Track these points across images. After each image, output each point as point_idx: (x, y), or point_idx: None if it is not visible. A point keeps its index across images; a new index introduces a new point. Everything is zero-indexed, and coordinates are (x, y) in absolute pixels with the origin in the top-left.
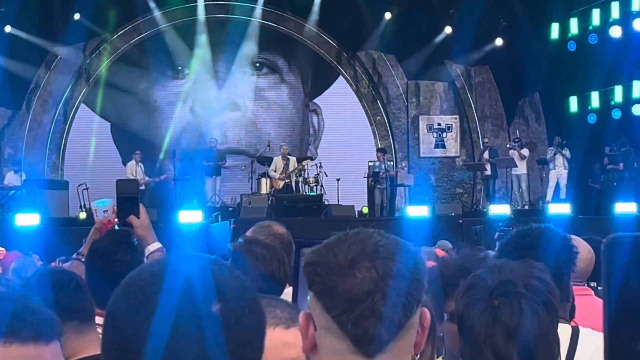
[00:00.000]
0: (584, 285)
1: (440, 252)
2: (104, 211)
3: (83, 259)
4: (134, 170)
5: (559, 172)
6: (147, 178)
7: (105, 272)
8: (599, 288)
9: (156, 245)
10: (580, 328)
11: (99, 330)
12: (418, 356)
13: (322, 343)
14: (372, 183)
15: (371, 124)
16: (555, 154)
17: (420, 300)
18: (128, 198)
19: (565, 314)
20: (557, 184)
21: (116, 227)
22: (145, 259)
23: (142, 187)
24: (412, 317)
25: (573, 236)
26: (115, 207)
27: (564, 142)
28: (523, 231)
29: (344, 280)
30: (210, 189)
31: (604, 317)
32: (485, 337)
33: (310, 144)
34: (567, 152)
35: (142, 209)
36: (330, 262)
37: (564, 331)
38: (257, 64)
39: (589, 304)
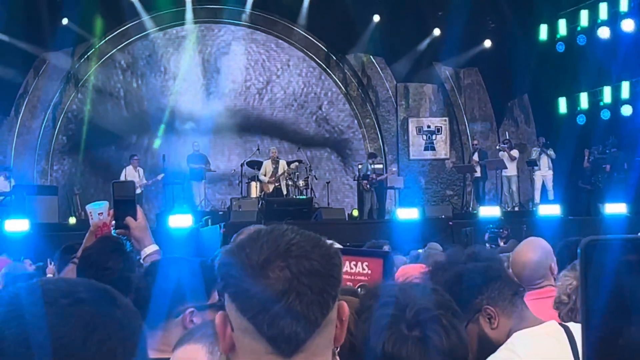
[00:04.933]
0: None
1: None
2: (99, 214)
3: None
4: (132, 175)
5: (544, 173)
6: (144, 181)
7: (96, 279)
8: None
9: (153, 247)
10: (570, 325)
11: None
12: (338, 349)
13: (240, 344)
14: (368, 186)
15: (361, 127)
16: (540, 154)
17: (337, 296)
18: (124, 201)
19: None
20: (544, 186)
21: (112, 230)
22: (142, 261)
23: (139, 191)
24: (329, 314)
25: (533, 238)
26: (110, 210)
27: (548, 142)
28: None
29: (258, 281)
30: (197, 193)
31: (581, 318)
32: None
33: (300, 147)
34: (551, 153)
35: (140, 211)
36: (242, 262)
37: (560, 331)
38: (247, 67)
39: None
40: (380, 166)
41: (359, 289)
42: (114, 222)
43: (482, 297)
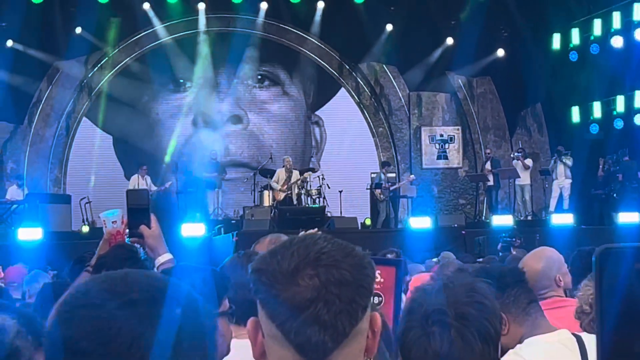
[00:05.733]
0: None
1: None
2: (112, 222)
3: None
4: (138, 183)
5: (560, 182)
6: (153, 187)
7: None
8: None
9: (167, 256)
10: (582, 335)
11: None
12: None
13: (270, 350)
14: (382, 196)
15: (373, 136)
16: (555, 163)
17: (367, 306)
18: (138, 209)
19: None
20: (561, 195)
21: (126, 238)
22: (156, 269)
23: None
24: (359, 324)
25: (541, 248)
26: (124, 218)
27: (568, 152)
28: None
29: (287, 288)
30: (212, 202)
31: (596, 326)
32: None
33: (313, 155)
34: (568, 161)
35: (154, 219)
36: (273, 269)
37: (571, 340)
38: (259, 77)
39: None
40: (393, 175)
41: (373, 298)
42: (127, 230)
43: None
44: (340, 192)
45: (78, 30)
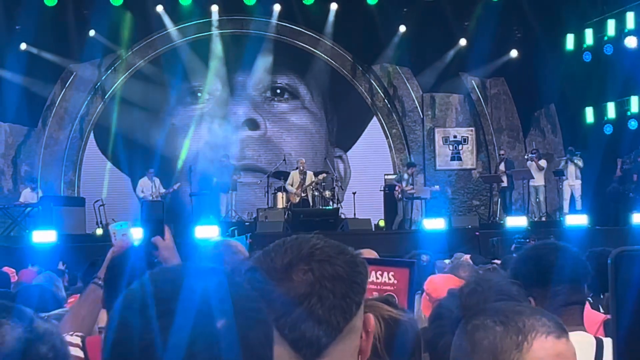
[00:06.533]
0: None
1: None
2: (122, 234)
3: (100, 282)
4: (148, 186)
5: (571, 182)
6: (162, 190)
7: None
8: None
9: None
10: (603, 339)
11: None
12: None
13: None
14: (400, 195)
15: (387, 137)
16: (567, 164)
17: (361, 303)
18: (153, 220)
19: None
20: (572, 196)
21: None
22: None
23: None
24: (352, 320)
25: None
26: (136, 229)
27: (578, 152)
28: (538, 246)
29: (281, 284)
30: (225, 204)
31: (612, 327)
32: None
33: (336, 187)
34: (579, 162)
35: (167, 231)
36: (268, 266)
37: (589, 342)
38: (278, 90)
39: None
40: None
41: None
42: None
43: (535, 289)
44: (354, 193)
45: (91, 33)
